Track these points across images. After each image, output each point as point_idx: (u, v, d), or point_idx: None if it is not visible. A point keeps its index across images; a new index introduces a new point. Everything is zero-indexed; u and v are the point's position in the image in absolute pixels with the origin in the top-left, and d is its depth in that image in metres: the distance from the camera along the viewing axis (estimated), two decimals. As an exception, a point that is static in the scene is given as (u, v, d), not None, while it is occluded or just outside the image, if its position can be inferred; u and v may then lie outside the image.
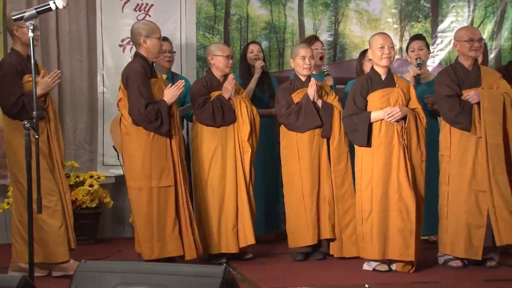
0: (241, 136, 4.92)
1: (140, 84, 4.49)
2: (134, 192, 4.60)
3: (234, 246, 4.87)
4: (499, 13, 6.72)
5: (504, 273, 4.66)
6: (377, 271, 4.64)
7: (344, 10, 6.46)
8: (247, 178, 4.92)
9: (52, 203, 4.43)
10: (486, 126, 4.63)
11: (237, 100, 4.95)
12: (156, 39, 4.63)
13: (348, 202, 4.94)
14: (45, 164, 4.40)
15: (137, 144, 4.56)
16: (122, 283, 2.74)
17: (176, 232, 4.56)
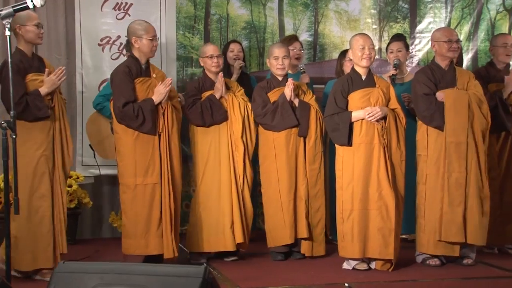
0: (234, 134, 4.91)
1: (120, 83, 4.59)
2: (122, 189, 4.67)
3: (231, 244, 4.86)
4: (476, 14, 6.76)
5: (481, 270, 4.70)
6: (356, 270, 4.64)
7: (324, 10, 6.45)
8: (240, 177, 4.90)
9: (41, 209, 4.37)
10: (447, 125, 4.68)
11: (229, 98, 4.93)
12: (146, 40, 4.64)
13: (319, 201, 4.96)
14: (45, 167, 4.37)
15: (123, 141, 4.65)
16: (101, 284, 2.71)
17: (158, 229, 4.59)
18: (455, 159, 4.67)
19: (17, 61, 4.37)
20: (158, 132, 4.63)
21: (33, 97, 4.34)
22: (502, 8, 6.81)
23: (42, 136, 4.40)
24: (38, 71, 4.46)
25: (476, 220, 4.66)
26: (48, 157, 4.41)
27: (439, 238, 4.68)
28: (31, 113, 4.32)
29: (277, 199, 4.95)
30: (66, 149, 4.53)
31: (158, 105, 4.64)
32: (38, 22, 4.47)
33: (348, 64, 5.38)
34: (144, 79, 4.69)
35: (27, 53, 4.47)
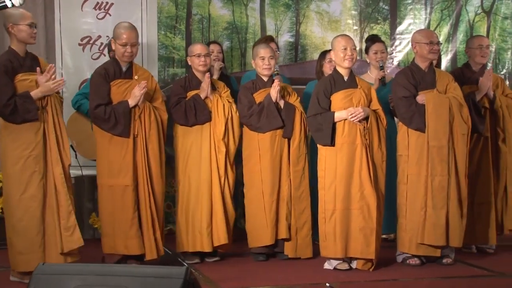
0: (216, 135, 4.89)
1: (95, 85, 4.63)
2: (99, 188, 4.72)
3: (208, 245, 4.84)
4: (455, 16, 6.82)
5: (460, 270, 4.73)
6: (338, 270, 4.65)
7: (305, 11, 6.46)
8: (222, 178, 4.88)
9: (31, 209, 4.33)
10: (429, 129, 4.71)
11: (214, 99, 4.90)
12: (119, 45, 4.62)
13: (304, 203, 4.95)
14: (34, 167, 4.33)
15: (99, 142, 4.70)
16: (81, 285, 2.68)
17: (134, 231, 4.57)
18: (437, 162, 4.70)
19: (6, 61, 4.35)
20: (134, 134, 4.61)
21: (23, 99, 4.29)
22: (481, 10, 6.86)
23: (30, 136, 4.34)
24: (30, 70, 4.41)
25: (456, 223, 4.72)
26: (38, 157, 4.35)
27: (421, 241, 4.71)
28: (19, 115, 4.29)
29: (260, 200, 4.94)
30: (62, 148, 4.47)
31: (134, 108, 4.61)
32: (32, 21, 4.43)
33: (328, 65, 5.40)
34: (123, 81, 4.67)
35: (19, 53, 4.42)
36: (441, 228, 4.68)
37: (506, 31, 6.92)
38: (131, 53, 4.66)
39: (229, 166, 4.92)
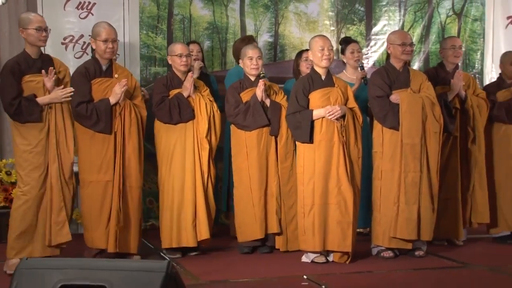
0: (199, 133, 4.86)
1: (76, 83, 4.58)
2: (80, 184, 4.72)
3: (192, 240, 4.82)
4: (427, 18, 6.84)
5: (431, 262, 4.78)
6: (315, 262, 4.66)
7: (284, 12, 6.45)
8: (205, 175, 4.87)
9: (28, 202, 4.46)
10: (403, 127, 4.73)
11: (196, 97, 4.88)
12: (100, 41, 4.62)
13: (292, 198, 4.93)
14: (35, 163, 4.45)
15: (80, 139, 4.68)
16: (64, 279, 2.66)
17: (113, 225, 4.60)
18: (410, 159, 4.72)
19: (14, 63, 4.48)
20: (114, 131, 4.61)
21: (28, 102, 4.41)
22: (452, 12, 6.90)
23: (34, 133, 4.46)
24: (41, 71, 4.47)
25: (428, 217, 4.76)
26: (40, 153, 4.46)
27: (394, 235, 4.75)
28: (23, 116, 4.42)
29: (248, 196, 4.94)
30: (65, 146, 4.55)
31: (115, 105, 4.61)
32: (39, 25, 4.50)
33: (304, 64, 5.42)
34: (103, 79, 4.66)
35: (31, 55, 4.52)
36: (413, 223, 4.71)
37: (476, 33, 6.96)
38: (112, 48, 4.66)
39: (211, 162, 4.91)
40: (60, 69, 4.64)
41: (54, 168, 4.50)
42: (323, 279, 4.21)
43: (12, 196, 5.44)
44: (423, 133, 4.76)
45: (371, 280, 4.31)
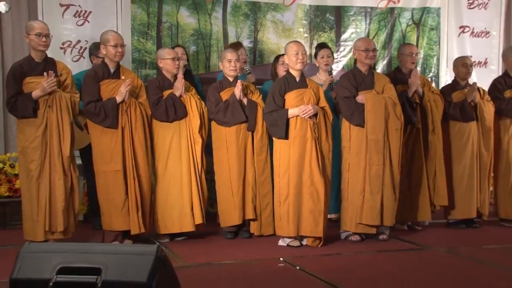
0: (192, 129, 4.84)
1: (86, 84, 4.64)
2: (95, 174, 4.73)
3: (191, 225, 4.82)
4: (390, 26, 6.87)
5: (394, 245, 4.80)
6: (290, 246, 4.67)
7: (262, 20, 6.45)
8: (199, 166, 4.86)
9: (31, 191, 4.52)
10: (368, 125, 4.74)
11: (187, 97, 4.85)
12: (110, 46, 4.63)
13: (266, 187, 4.93)
14: (34, 156, 4.49)
15: (92, 134, 4.71)
16: (63, 262, 2.64)
17: (125, 209, 4.63)
18: (374, 153, 4.74)
19: (17, 66, 4.55)
20: (121, 126, 4.63)
21: (23, 98, 4.46)
22: (411, 21, 6.95)
23: (31, 130, 4.49)
24: (43, 74, 4.48)
25: (390, 205, 4.78)
26: (36, 148, 4.49)
27: (360, 221, 4.77)
28: (18, 112, 4.49)
29: (228, 186, 4.93)
30: (62, 141, 4.55)
31: (122, 103, 4.62)
32: (39, 32, 4.53)
33: (281, 67, 5.41)
34: (111, 81, 4.68)
35: (35, 58, 4.56)
36: (376, 210, 4.73)
37: (432, 40, 7.02)
38: (121, 52, 4.70)
39: (203, 155, 4.90)
40: (62, 71, 4.65)
41: (48, 162, 4.52)
42: (298, 261, 4.22)
43: (15, 187, 5.45)
44: (385, 130, 4.77)
45: (341, 261, 4.32)
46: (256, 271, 4.01)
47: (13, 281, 2.63)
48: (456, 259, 4.40)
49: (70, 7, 5.83)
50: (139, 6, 6.08)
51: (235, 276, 3.87)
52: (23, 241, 2.75)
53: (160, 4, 6.14)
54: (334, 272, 3.95)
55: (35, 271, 2.65)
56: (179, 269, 3.48)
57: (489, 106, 5.44)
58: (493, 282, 3.74)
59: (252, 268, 4.09)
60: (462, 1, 6.99)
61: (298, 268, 4.05)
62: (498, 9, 7.07)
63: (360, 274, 3.95)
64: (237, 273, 3.97)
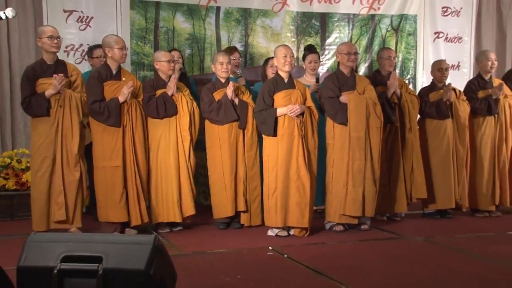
0: (182, 126, 4.83)
1: (90, 85, 4.64)
2: (94, 169, 4.72)
3: (178, 216, 4.81)
4: (371, 32, 6.89)
5: (374, 234, 4.82)
6: (279, 236, 4.67)
7: (253, 25, 6.45)
8: (187, 160, 4.85)
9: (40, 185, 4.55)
10: (350, 123, 4.75)
11: (179, 96, 4.84)
12: (117, 49, 4.64)
13: (255, 181, 4.93)
14: (46, 152, 4.52)
15: (94, 132, 4.72)
16: (67, 251, 2.63)
17: (122, 203, 4.62)
18: (356, 150, 4.75)
19: (30, 69, 4.57)
20: (123, 125, 4.63)
21: (37, 98, 4.50)
22: (390, 27, 6.97)
23: (45, 128, 4.52)
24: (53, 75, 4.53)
25: (370, 198, 4.79)
26: (49, 145, 4.52)
27: (343, 212, 4.78)
28: (32, 111, 4.52)
29: (221, 180, 4.92)
30: (71, 138, 4.57)
31: (124, 103, 4.62)
32: (51, 34, 4.55)
33: (270, 69, 5.41)
34: (113, 82, 4.68)
35: (47, 61, 4.59)
36: (358, 202, 4.74)
37: (410, 45, 7.05)
38: (125, 54, 4.73)
39: (192, 151, 4.89)
40: (72, 72, 4.68)
41: (59, 158, 4.54)
42: (285, 249, 4.23)
43: (22, 181, 5.43)
44: (367, 128, 4.78)
45: (325, 250, 4.33)
46: (246, 259, 4.01)
47: (20, 269, 2.63)
48: (431, 247, 4.42)
49: (73, 13, 5.82)
50: (137, 12, 6.06)
51: (227, 264, 3.87)
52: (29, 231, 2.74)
53: (157, 10, 6.12)
54: (319, 260, 3.96)
55: (40, 259, 2.64)
56: (175, 257, 3.48)
57: (464, 105, 5.47)
58: (465, 268, 3.77)
59: (243, 257, 4.09)
60: (436, 9, 7.03)
61: (286, 256, 4.06)
62: (469, 16, 7.12)
63: (343, 261, 3.96)
64: (229, 261, 3.97)
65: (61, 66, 4.63)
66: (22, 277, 2.65)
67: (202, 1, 6.23)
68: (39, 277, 2.61)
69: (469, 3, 7.09)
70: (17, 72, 5.77)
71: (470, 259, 4.02)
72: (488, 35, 7.20)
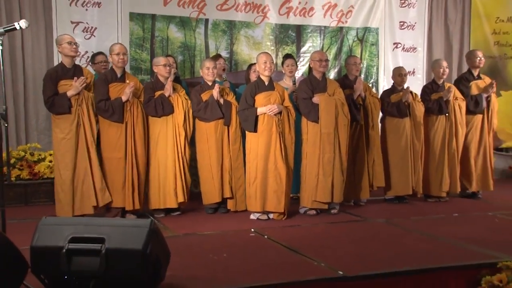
0: (178, 123, 4.83)
1: (98, 87, 4.65)
2: (103, 160, 4.70)
3: (174, 202, 4.82)
4: (340, 42, 6.90)
5: (342, 217, 4.84)
6: (260, 219, 4.69)
7: (237, 35, 6.44)
8: (182, 153, 4.84)
9: (64, 175, 4.53)
10: (321, 121, 4.77)
11: (175, 96, 4.84)
12: (114, 55, 4.67)
13: (240, 171, 4.93)
14: (68, 147, 4.50)
15: (101, 127, 4.69)
16: (74, 232, 2.65)
17: (123, 191, 4.64)
18: (327, 144, 4.77)
19: (52, 71, 4.57)
20: (125, 121, 4.63)
21: (59, 97, 4.49)
22: (356, 38, 6.99)
23: (66, 125, 4.51)
24: (73, 78, 4.53)
25: (338, 186, 4.81)
26: (71, 140, 4.51)
27: (315, 199, 4.80)
28: (55, 109, 4.50)
29: (209, 170, 4.91)
30: (89, 134, 4.57)
31: (126, 102, 4.64)
32: (69, 40, 4.57)
33: (253, 74, 5.41)
34: (118, 84, 4.70)
35: (66, 65, 4.58)
36: (328, 190, 4.76)
37: (373, 54, 7.08)
38: (123, 59, 4.69)
39: (187, 145, 4.88)
40: (87, 75, 4.68)
41: (80, 152, 4.55)
42: (265, 231, 4.25)
43: (35, 171, 5.38)
44: (335, 125, 4.80)
45: (300, 231, 4.34)
46: (232, 240, 4.02)
47: (33, 248, 2.65)
48: (390, 228, 4.45)
49: (79, 24, 5.77)
50: (136, 23, 6.02)
51: (215, 244, 3.88)
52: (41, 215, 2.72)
53: (153, 21, 6.08)
54: (295, 240, 3.97)
55: (50, 240, 2.65)
56: (169, 238, 3.50)
57: (420, 106, 5.52)
58: (418, 245, 3.82)
59: (228, 238, 4.10)
60: (395, 23, 7.08)
61: (266, 237, 4.07)
62: (422, 30, 7.20)
63: (315, 241, 3.98)
64: (216, 241, 3.97)
65: (78, 70, 4.66)
66: (35, 256, 2.66)
67: (193, 14, 6.21)
68: (50, 256, 2.62)
69: (421, 19, 7.17)
70: (30, 76, 5.72)
71: (423, 238, 4.06)
72: (438, 46, 7.30)
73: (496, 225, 4.51)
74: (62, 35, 4.72)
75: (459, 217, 4.84)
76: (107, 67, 5.46)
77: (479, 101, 5.70)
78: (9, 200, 5.26)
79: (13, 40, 5.62)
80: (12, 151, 5.44)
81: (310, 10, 6.70)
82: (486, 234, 4.14)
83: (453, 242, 3.90)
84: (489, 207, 5.32)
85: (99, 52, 5.56)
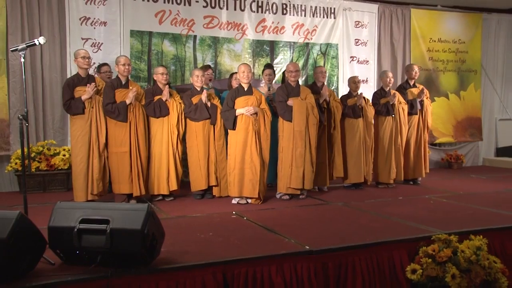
0: (172, 123, 4.85)
1: (106, 92, 4.65)
2: (109, 154, 4.68)
3: (166, 189, 4.84)
4: (306, 55, 6.93)
5: (309, 201, 4.85)
6: (240, 204, 4.71)
7: (220, 49, 6.44)
8: (175, 149, 4.87)
9: (79, 167, 4.54)
10: (294, 120, 4.79)
11: (171, 101, 4.87)
12: (120, 65, 4.68)
13: (223, 163, 4.94)
14: (82, 143, 4.52)
15: (108, 126, 4.68)
16: (83, 215, 2.65)
17: (129, 180, 4.65)
18: (299, 140, 4.79)
19: (70, 80, 4.61)
20: (129, 121, 4.65)
21: (75, 101, 4.55)
22: (320, 52, 7.02)
23: (81, 123, 4.55)
24: (86, 85, 4.55)
25: (309, 175, 4.83)
26: (85, 137, 4.54)
27: (289, 185, 4.83)
28: (72, 110, 4.54)
29: (197, 162, 4.91)
30: (100, 132, 4.59)
31: (129, 105, 4.65)
32: (83, 55, 4.58)
33: (234, 81, 5.42)
34: (123, 89, 4.71)
35: (81, 75, 4.63)
36: (300, 179, 4.79)
37: (334, 65, 7.14)
38: (128, 69, 4.71)
39: (179, 142, 4.89)
40: (99, 83, 4.69)
41: (92, 147, 4.56)
42: (245, 213, 4.26)
43: (51, 163, 5.37)
44: (306, 124, 4.82)
45: (274, 213, 4.35)
46: (216, 221, 4.03)
47: (50, 228, 2.67)
48: (348, 210, 4.49)
49: (88, 40, 5.74)
50: (135, 39, 5.99)
51: (202, 225, 3.88)
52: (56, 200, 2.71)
53: (150, 37, 6.05)
54: (269, 220, 3.99)
55: (64, 221, 2.66)
56: (163, 220, 3.50)
57: (371, 109, 5.60)
58: (370, 223, 3.87)
59: (213, 219, 4.11)
60: (351, 40, 7.15)
61: (245, 218, 4.08)
62: (373, 46, 7.29)
63: (287, 221, 4.00)
64: (203, 222, 3.98)
65: (92, 79, 4.68)
66: (52, 234, 2.67)
67: (183, 31, 6.18)
68: (64, 234, 2.64)
69: (372, 37, 7.28)
70: (47, 83, 5.70)
71: (373, 217, 4.11)
72: (386, 60, 7.43)
73: (431, 206, 4.60)
74: (78, 50, 4.71)
75: (403, 200, 4.92)
76: (111, 76, 5.48)
77: (414, 104, 5.82)
78: (30, 188, 5.29)
79: (34, 53, 5.60)
80: (32, 147, 5.42)
81: (281, 28, 6.73)
82: (423, 213, 4.22)
83: (398, 220, 3.97)
84: (426, 191, 5.42)
85: (104, 63, 5.59)
